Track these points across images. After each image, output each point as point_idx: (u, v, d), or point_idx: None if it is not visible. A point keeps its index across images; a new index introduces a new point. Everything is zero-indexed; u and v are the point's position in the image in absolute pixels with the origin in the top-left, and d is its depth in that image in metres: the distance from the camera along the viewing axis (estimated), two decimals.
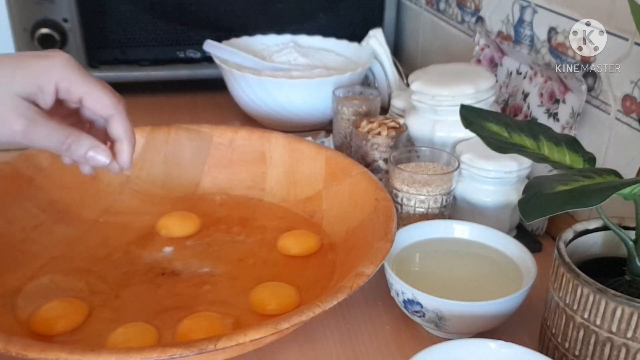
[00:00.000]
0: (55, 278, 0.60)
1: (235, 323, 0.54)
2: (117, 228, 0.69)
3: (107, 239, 0.67)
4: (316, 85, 0.91)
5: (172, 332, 0.53)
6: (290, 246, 0.66)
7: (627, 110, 0.62)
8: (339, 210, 0.68)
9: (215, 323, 0.54)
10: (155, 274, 0.62)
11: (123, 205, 0.72)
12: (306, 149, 0.73)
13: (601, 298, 0.44)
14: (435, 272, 0.59)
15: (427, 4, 1.12)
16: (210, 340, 0.43)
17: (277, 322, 0.45)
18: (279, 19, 1.12)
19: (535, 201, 0.43)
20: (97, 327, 0.54)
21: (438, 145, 0.72)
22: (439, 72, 0.76)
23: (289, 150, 0.74)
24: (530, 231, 0.71)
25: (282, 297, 0.57)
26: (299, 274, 0.62)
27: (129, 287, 0.60)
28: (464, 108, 0.54)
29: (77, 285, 0.59)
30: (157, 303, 0.58)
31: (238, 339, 0.44)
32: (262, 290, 0.58)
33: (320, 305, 0.47)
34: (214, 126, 0.77)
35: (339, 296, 0.48)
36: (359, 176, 0.67)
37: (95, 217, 0.70)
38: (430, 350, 0.44)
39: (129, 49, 1.08)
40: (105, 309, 0.56)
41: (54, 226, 0.67)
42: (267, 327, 0.45)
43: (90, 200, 0.71)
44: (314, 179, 0.72)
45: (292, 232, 0.68)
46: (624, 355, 0.45)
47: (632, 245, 0.48)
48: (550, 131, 0.52)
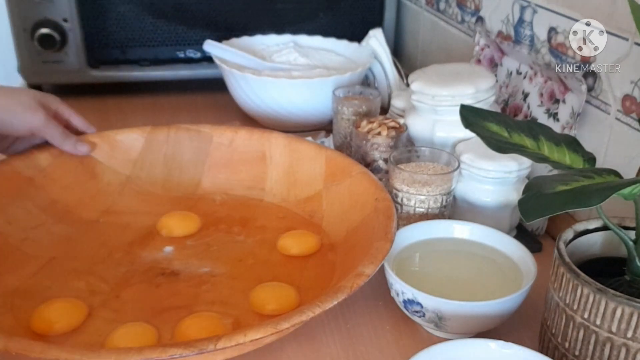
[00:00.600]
0: (55, 278, 0.60)
1: (235, 323, 0.55)
2: (117, 228, 0.69)
3: (107, 239, 0.67)
4: (316, 85, 0.91)
5: (171, 332, 0.53)
6: (290, 246, 0.66)
7: (627, 110, 0.62)
8: (339, 211, 0.68)
9: (215, 323, 0.54)
10: (155, 274, 0.62)
11: (123, 205, 0.72)
12: (306, 149, 0.73)
13: (601, 298, 0.44)
14: (435, 272, 0.59)
15: (427, 4, 1.12)
16: (211, 340, 0.43)
17: (277, 322, 0.45)
18: (279, 19, 1.12)
19: (535, 201, 0.43)
20: (97, 327, 0.54)
21: (438, 145, 0.72)
22: (439, 72, 0.76)
23: (289, 150, 0.74)
24: (530, 231, 0.71)
25: (282, 297, 0.57)
26: (299, 274, 0.62)
27: (129, 287, 0.60)
28: (464, 108, 0.54)
29: (77, 285, 0.59)
30: (157, 303, 0.58)
31: (238, 339, 0.44)
32: (262, 291, 0.58)
33: (321, 305, 0.47)
34: (214, 126, 0.77)
35: (339, 296, 0.48)
36: (359, 176, 0.67)
37: (96, 217, 0.70)
38: (430, 350, 0.44)
39: (129, 49, 1.08)
40: (105, 309, 0.56)
41: (54, 226, 0.67)
42: (267, 327, 0.45)
43: (90, 201, 0.71)
44: (314, 179, 0.72)
45: (292, 232, 0.68)
46: (624, 355, 0.45)
47: (632, 245, 0.48)
48: (550, 131, 0.52)
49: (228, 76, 0.96)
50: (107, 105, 1.09)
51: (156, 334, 0.53)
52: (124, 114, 1.06)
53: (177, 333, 0.53)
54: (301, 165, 0.73)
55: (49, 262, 0.62)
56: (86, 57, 1.05)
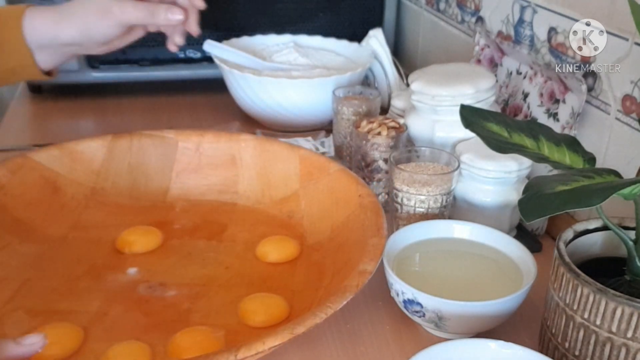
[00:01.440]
0: (34, 301, 0.57)
1: (227, 336, 0.53)
2: (89, 243, 0.66)
3: (81, 255, 0.64)
4: (316, 85, 0.91)
5: (164, 349, 0.52)
6: (269, 252, 0.64)
7: (627, 110, 0.62)
8: (320, 209, 0.67)
9: (208, 337, 0.53)
10: (142, 287, 0.60)
11: (90, 219, 0.69)
12: (278, 149, 0.73)
13: (601, 298, 0.44)
14: (435, 272, 0.59)
15: (427, 4, 1.12)
16: (230, 351, 0.43)
17: (293, 327, 0.45)
18: (279, 19, 1.12)
19: (535, 201, 0.43)
20: (92, 347, 0.52)
21: (438, 145, 0.73)
22: (439, 72, 0.76)
23: (260, 151, 0.73)
24: (530, 231, 0.71)
25: (271, 308, 0.56)
26: (288, 278, 0.61)
27: (116, 304, 0.57)
28: (464, 108, 0.54)
29: (60, 307, 0.57)
30: (147, 318, 0.56)
31: (257, 347, 0.43)
32: (251, 302, 0.57)
33: (332, 306, 0.47)
34: (178, 131, 0.76)
35: (347, 295, 0.48)
36: (337, 173, 0.67)
37: (64, 234, 0.67)
38: (430, 351, 0.44)
39: (129, 49, 1.06)
40: (96, 328, 0.54)
41: (21, 246, 0.63)
42: (284, 333, 0.44)
43: (56, 216, 0.68)
44: (289, 179, 0.71)
45: (271, 239, 0.66)
46: (624, 355, 0.45)
47: (632, 245, 0.48)
48: (550, 131, 0.52)
49: (228, 76, 0.96)
50: (107, 105, 1.09)
51: (150, 351, 0.51)
52: (124, 114, 1.06)
53: (170, 349, 0.52)
54: (274, 166, 0.72)
55: (23, 285, 0.59)
56: (86, 57, 1.05)
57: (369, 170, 0.76)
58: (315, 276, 0.61)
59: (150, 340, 0.53)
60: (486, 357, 0.45)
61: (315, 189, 0.68)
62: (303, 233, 0.67)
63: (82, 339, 0.53)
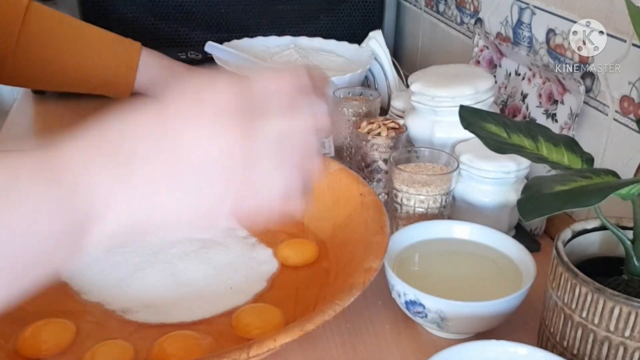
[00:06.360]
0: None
1: (215, 342, 0.52)
2: None
3: None
4: None
5: (147, 352, 0.51)
6: (288, 255, 0.64)
7: (625, 111, 0.62)
8: (321, 207, 0.67)
9: (192, 342, 0.52)
10: None
11: None
12: None
13: (599, 297, 0.45)
14: (435, 273, 0.60)
15: (426, 6, 1.13)
16: (242, 349, 0.43)
17: (302, 324, 0.45)
18: (279, 20, 1.12)
19: (533, 201, 0.43)
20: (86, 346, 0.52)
21: (437, 146, 0.73)
22: (438, 73, 0.76)
23: None
24: (529, 231, 0.72)
25: (266, 320, 0.55)
26: (292, 276, 0.61)
27: None
28: (463, 109, 0.54)
29: (53, 307, 0.56)
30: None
31: (269, 345, 0.44)
32: (246, 314, 0.56)
33: (340, 303, 0.48)
34: None
35: (354, 292, 0.49)
36: (338, 172, 0.67)
37: None
38: (442, 354, 0.44)
39: None
40: (88, 324, 0.54)
41: None
42: (294, 330, 0.45)
43: None
44: None
45: (289, 242, 0.66)
46: (622, 354, 0.45)
47: (630, 245, 0.49)
48: (548, 132, 0.52)
49: None
50: (106, 105, 1.08)
51: (133, 352, 0.51)
52: None
53: (152, 353, 0.51)
54: None
55: None
56: None
57: (368, 171, 0.76)
58: (319, 275, 0.61)
59: (136, 342, 0.52)
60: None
61: (316, 188, 0.68)
62: (305, 231, 0.68)
63: (74, 335, 0.53)
